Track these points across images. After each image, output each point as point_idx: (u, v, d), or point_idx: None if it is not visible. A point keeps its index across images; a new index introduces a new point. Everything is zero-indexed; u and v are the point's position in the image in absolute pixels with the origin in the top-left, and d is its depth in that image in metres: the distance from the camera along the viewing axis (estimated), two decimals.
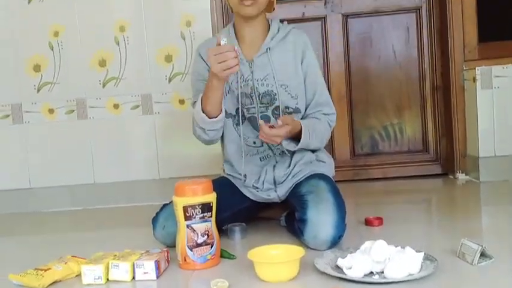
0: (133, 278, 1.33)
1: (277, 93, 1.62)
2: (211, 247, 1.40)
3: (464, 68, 2.53)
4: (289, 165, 1.66)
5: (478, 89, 2.41)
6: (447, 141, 2.67)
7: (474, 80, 2.42)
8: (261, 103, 1.64)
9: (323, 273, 1.24)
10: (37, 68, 2.50)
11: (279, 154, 1.69)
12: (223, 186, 1.64)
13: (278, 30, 1.67)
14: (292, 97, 1.65)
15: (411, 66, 2.71)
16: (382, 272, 1.21)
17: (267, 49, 1.63)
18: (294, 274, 1.25)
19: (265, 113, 1.65)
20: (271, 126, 1.49)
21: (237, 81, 1.63)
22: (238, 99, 1.64)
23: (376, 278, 1.20)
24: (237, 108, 1.66)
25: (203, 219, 1.39)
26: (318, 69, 1.71)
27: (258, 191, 1.69)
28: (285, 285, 1.22)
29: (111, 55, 2.48)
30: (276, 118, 1.62)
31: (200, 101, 1.56)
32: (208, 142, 1.69)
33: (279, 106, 1.63)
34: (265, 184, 1.68)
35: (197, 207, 1.38)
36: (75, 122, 2.50)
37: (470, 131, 2.52)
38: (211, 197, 1.41)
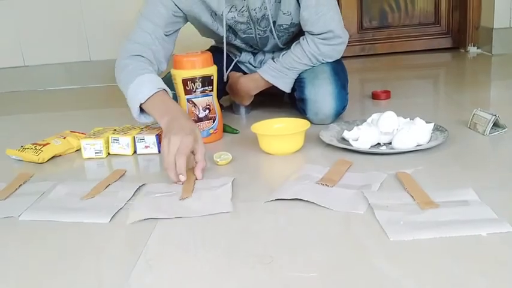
0: (135, 152, 1.31)
1: (270, 15, 1.41)
2: (213, 121, 1.36)
3: None
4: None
5: None
6: (460, 13, 2.53)
7: None
8: (260, 26, 1.46)
9: (328, 145, 1.21)
10: None
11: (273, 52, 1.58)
12: (216, 54, 1.45)
13: None
14: (283, 14, 1.42)
15: None
16: (390, 143, 1.17)
17: None
18: (299, 147, 1.22)
19: (264, 35, 1.49)
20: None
21: (229, 11, 1.40)
22: (234, 26, 1.45)
23: (383, 148, 1.17)
24: (232, 30, 1.48)
25: (204, 94, 1.33)
26: None
27: (256, 69, 1.60)
28: (289, 157, 1.19)
29: None
30: (273, 36, 1.48)
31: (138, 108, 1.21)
32: None
33: (274, 22, 1.44)
34: (263, 64, 1.58)
35: (197, 80, 1.31)
36: None
37: (486, 1, 2.37)
38: (212, 70, 1.34)
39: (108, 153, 1.31)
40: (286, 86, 1.48)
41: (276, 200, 0.93)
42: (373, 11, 2.60)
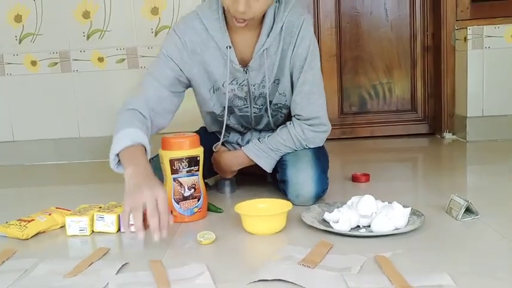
0: (119, 230, 1.32)
1: (268, 94, 1.49)
2: (198, 200, 1.39)
3: (456, 28, 2.50)
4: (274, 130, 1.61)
5: (469, 48, 2.39)
6: (435, 101, 2.67)
7: (465, 39, 2.40)
8: (256, 104, 1.54)
9: (310, 226, 1.24)
10: (18, 18, 2.41)
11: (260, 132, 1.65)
12: (205, 136, 1.53)
13: (274, 21, 1.41)
14: (280, 94, 1.50)
15: (402, 25, 2.68)
16: (369, 226, 1.21)
17: (263, 50, 1.43)
18: (281, 227, 1.25)
19: (259, 113, 1.56)
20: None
21: (230, 83, 1.47)
22: (231, 101, 1.52)
23: (363, 231, 1.20)
24: (229, 107, 1.53)
25: (190, 173, 1.37)
26: (315, 69, 1.45)
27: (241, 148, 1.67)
28: (271, 238, 1.22)
29: (96, 6, 2.40)
30: (267, 115, 1.55)
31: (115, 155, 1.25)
32: None
33: (270, 101, 1.52)
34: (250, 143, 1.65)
35: (184, 160, 1.36)
36: (59, 74, 2.44)
37: (459, 91, 2.52)
38: (199, 151, 1.39)
39: (93, 231, 1.32)
40: (267, 166, 1.53)
41: (258, 281, 0.94)
42: (352, 98, 2.73)
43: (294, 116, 1.50)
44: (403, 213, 1.21)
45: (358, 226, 1.23)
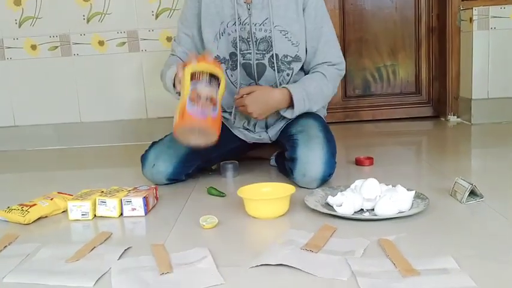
0: (121, 214, 1.32)
1: (273, 40, 1.52)
2: (213, 109, 1.27)
3: (461, 8, 2.46)
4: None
5: (475, 29, 2.36)
6: (440, 84, 2.64)
7: (471, 20, 2.36)
8: (258, 49, 1.55)
9: (313, 210, 1.23)
10: (18, 2, 2.39)
11: None
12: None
13: None
14: (293, 44, 1.54)
15: (407, 6, 2.64)
16: (373, 210, 1.20)
17: None
18: (284, 211, 1.24)
19: (262, 61, 1.56)
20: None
21: (234, 23, 1.53)
22: (235, 44, 1.54)
23: (366, 215, 1.19)
24: (231, 53, 1.56)
25: (209, 85, 1.27)
26: (324, 15, 1.57)
27: (249, 132, 1.66)
28: (274, 222, 1.21)
29: None
30: (272, 67, 1.55)
31: (172, 78, 1.41)
32: None
33: (275, 54, 1.54)
34: (256, 128, 1.64)
35: (205, 74, 1.27)
36: (59, 58, 2.42)
37: (464, 73, 2.49)
38: (221, 75, 1.31)
39: (95, 215, 1.31)
40: (296, 113, 1.54)
41: (261, 265, 0.94)
42: (356, 81, 2.71)
43: (319, 64, 1.56)
44: (407, 196, 1.20)
45: (362, 209, 1.22)
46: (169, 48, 2.32)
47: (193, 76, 1.27)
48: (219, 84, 1.30)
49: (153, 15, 2.38)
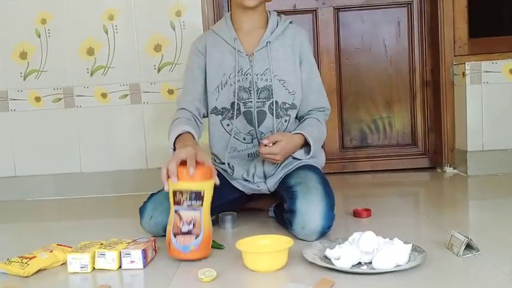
0: (120, 266, 1.32)
1: (274, 88, 1.62)
2: (196, 238, 1.33)
3: (454, 63, 2.54)
4: None
5: (468, 83, 2.42)
6: (436, 135, 2.68)
7: (464, 75, 2.43)
8: (259, 98, 1.63)
9: (311, 263, 1.24)
10: (23, 56, 2.46)
11: None
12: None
13: (277, 24, 1.66)
14: (289, 93, 1.64)
15: (401, 61, 2.72)
16: (371, 263, 1.21)
17: (266, 43, 1.63)
18: (282, 264, 1.25)
19: (262, 108, 1.63)
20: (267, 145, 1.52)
21: (235, 75, 1.62)
22: (235, 93, 1.62)
23: (364, 268, 1.20)
24: (232, 103, 1.64)
25: (191, 207, 1.33)
26: (314, 66, 1.71)
27: (248, 183, 1.69)
28: (273, 275, 1.22)
29: (100, 44, 2.45)
30: (272, 114, 1.62)
31: (174, 137, 1.48)
32: None
33: (275, 101, 1.62)
34: (255, 178, 1.67)
35: (185, 193, 1.32)
36: (62, 110, 2.47)
37: (459, 125, 2.53)
38: (205, 186, 1.33)
39: (94, 268, 1.32)
40: (313, 151, 1.62)
41: None
42: (353, 132, 2.75)
43: (312, 110, 1.68)
44: (404, 249, 1.21)
45: (360, 263, 1.23)
46: (170, 100, 2.42)
47: (175, 195, 1.34)
48: (202, 198, 1.33)
49: (155, 68, 2.45)
